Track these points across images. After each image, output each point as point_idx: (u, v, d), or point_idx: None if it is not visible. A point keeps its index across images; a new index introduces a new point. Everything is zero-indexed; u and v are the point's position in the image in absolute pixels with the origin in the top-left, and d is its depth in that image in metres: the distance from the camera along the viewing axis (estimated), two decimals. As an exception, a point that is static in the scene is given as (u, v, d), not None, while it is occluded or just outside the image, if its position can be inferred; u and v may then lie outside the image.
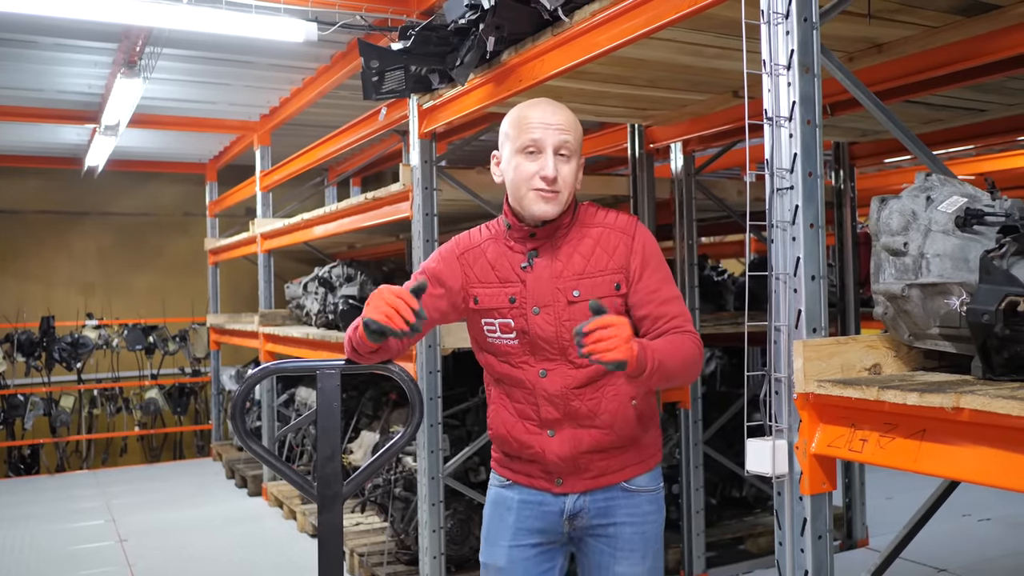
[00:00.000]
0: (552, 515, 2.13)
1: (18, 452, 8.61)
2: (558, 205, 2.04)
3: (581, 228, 2.10)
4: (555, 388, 2.06)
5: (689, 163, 4.55)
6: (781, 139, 1.99)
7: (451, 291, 2.14)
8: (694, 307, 4.50)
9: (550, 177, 2.01)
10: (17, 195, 9.16)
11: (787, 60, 1.98)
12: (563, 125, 2.05)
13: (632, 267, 2.07)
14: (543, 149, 2.03)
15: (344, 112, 6.39)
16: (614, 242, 2.08)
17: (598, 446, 2.08)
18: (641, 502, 2.13)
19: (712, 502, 5.08)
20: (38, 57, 5.48)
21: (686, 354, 1.99)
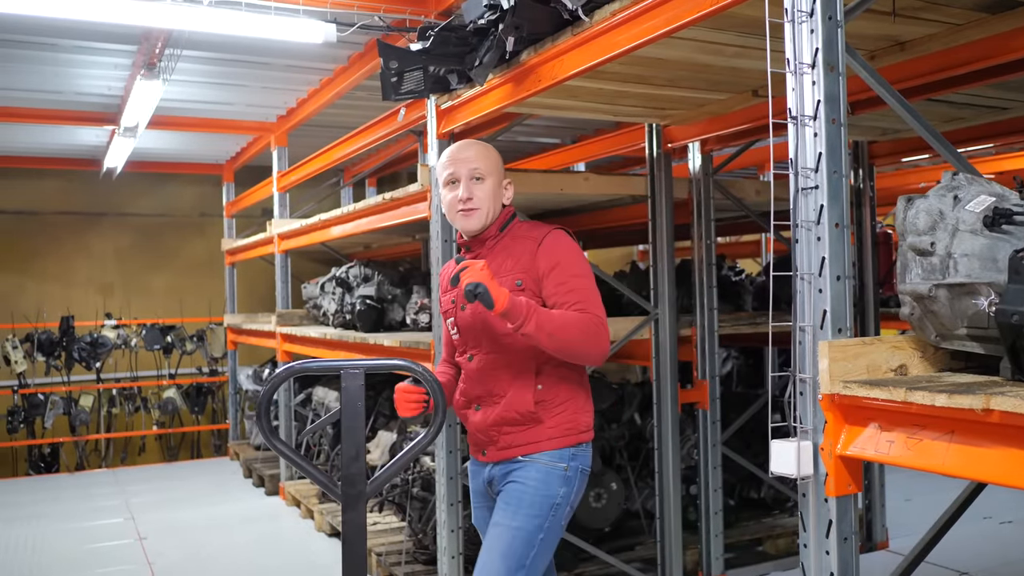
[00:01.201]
0: (481, 482, 2.62)
1: (38, 451, 8.68)
2: (478, 220, 2.53)
3: (508, 239, 2.55)
4: (477, 369, 2.53)
5: (707, 163, 4.53)
6: (806, 138, 1.98)
7: None
8: (712, 307, 4.48)
9: (463, 198, 2.51)
10: (36, 196, 9.22)
11: (812, 59, 1.97)
12: (472, 156, 2.56)
13: (539, 267, 2.46)
14: (459, 179, 2.54)
15: (361, 113, 6.41)
16: (523, 249, 2.50)
17: (502, 420, 2.48)
18: (531, 469, 2.46)
19: (730, 503, 5.06)
20: (58, 59, 5.52)
21: (577, 322, 2.35)
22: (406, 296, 5.34)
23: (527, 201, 4.65)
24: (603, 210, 5.38)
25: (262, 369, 8.20)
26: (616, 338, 4.31)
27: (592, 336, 2.37)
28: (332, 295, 5.70)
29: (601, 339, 2.38)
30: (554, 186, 4.34)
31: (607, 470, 4.74)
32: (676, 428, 4.39)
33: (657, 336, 4.38)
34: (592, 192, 4.47)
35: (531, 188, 4.26)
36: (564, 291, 2.42)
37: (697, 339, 4.47)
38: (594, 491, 4.65)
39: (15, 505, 6.87)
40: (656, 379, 4.39)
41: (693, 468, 4.77)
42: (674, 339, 4.38)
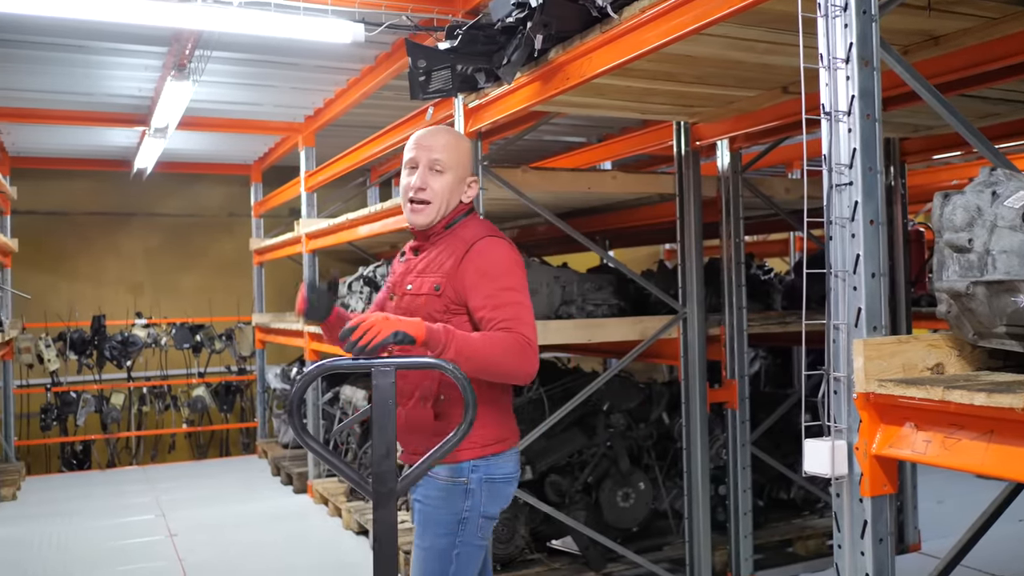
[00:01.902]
0: None
1: (71, 448, 8.80)
2: (426, 216, 2.41)
3: (449, 238, 2.42)
4: None
5: (736, 160, 4.50)
6: (840, 134, 1.96)
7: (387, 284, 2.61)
8: (740, 306, 4.45)
9: (415, 185, 2.39)
10: (68, 197, 9.35)
11: (846, 54, 1.95)
12: (436, 145, 2.42)
13: (463, 276, 2.32)
14: (418, 165, 2.42)
15: (388, 113, 6.42)
16: (453, 250, 2.37)
17: (411, 426, 2.39)
18: (430, 486, 2.37)
19: (759, 504, 5.02)
20: (90, 62, 5.59)
21: (500, 343, 2.20)
22: (433, 295, 5.35)
23: (554, 200, 4.64)
24: (630, 209, 5.36)
25: (290, 368, 8.25)
26: (644, 337, 4.30)
27: (515, 357, 2.20)
28: (360, 294, 5.72)
29: (526, 360, 2.21)
30: (581, 184, 4.33)
31: (635, 470, 4.72)
32: (705, 428, 4.36)
33: (685, 335, 4.36)
34: (620, 190, 4.46)
35: (558, 187, 4.26)
36: (491, 306, 2.26)
37: (726, 338, 4.44)
38: (622, 491, 4.64)
39: (49, 501, 6.96)
40: (684, 378, 4.37)
41: (721, 468, 4.74)
42: (703, 338, 4.36)
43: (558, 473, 4.64)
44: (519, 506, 4.44)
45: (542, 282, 4.33)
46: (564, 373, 5.87)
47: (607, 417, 4.82)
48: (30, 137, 7.82)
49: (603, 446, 4.70)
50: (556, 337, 4.16)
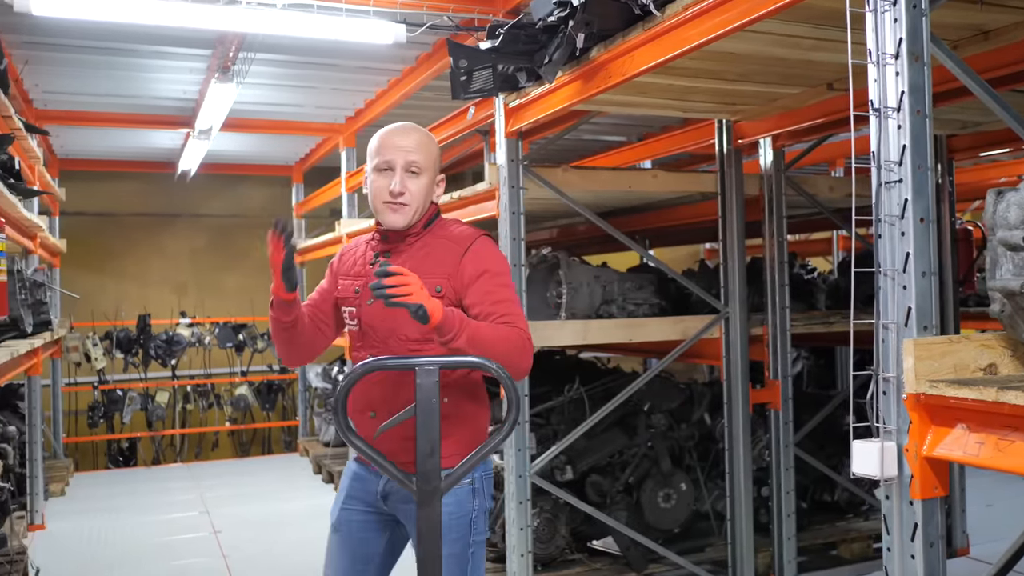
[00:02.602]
0: (371, 491, 2.38)
1: (117, 445, 8.97)
2: (405, 217, 2.32)
3: (430, 238, 2.36)
4: (379, 373, 2.24)
5: (779, 158, 4.45)
6: (889, 131, 1.92)
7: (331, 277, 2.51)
8: (784, 305, 4.40)
9: (396, 191, 2.30)
10: (115, 198, 9.53)
11: (895, 49, 1.91)
12: (412, 147, 2.33)
13: (464, 274, 2.27)
14: (393, 168, 2.31)
15: (428, 113, 6.45)
16: (446, 252, 2.31)
17: (406, 434, 2.19)
18: None
19: (802, 506, 4.96)
20: (137, 65, 5.69)
21: (505, 336, 2.15)
22: (473, 295, 5.36)
23: (594, 199, 4.63)
24: (670, 208, 5.33)
25: (331, 367, 8.32)
26: (685, 337, 4.27)
27: (519, 352, 2.18)
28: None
29: (526, 356, 2.20)
30: (622, 184, 4.31)
31: (676, 470, 4.69)
32: (747, 429, 4.32)
33: (727, 335, 4.32)
34: (661, 189, 4.43)
35: (599, 186, 4.25)
36: (490, 301, 2.24)
37: (769, 338, 4.39)
38: (663, 491, 4.61)
39: (96, 497, 7.10)
40: (727, 379, 4.33)
41: (764, 469, 4.69)
42: (745, 338, 4.32)
43: (599, 473, 4.62)
44: (560, 506, 4.44)
45: (582, 281, 4.32)
46: (604, 373, 5.85)
47: (648, 417, 4.79)
48: (78, 140, 7.98)
49: (644, 446, 4.68)
50: (597, 336, 4.16)
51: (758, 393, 4.39)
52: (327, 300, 2.50)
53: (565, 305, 4.21)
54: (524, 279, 3.90)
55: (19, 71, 5.57)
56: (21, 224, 5.14)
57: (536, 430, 4.53)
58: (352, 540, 2.42)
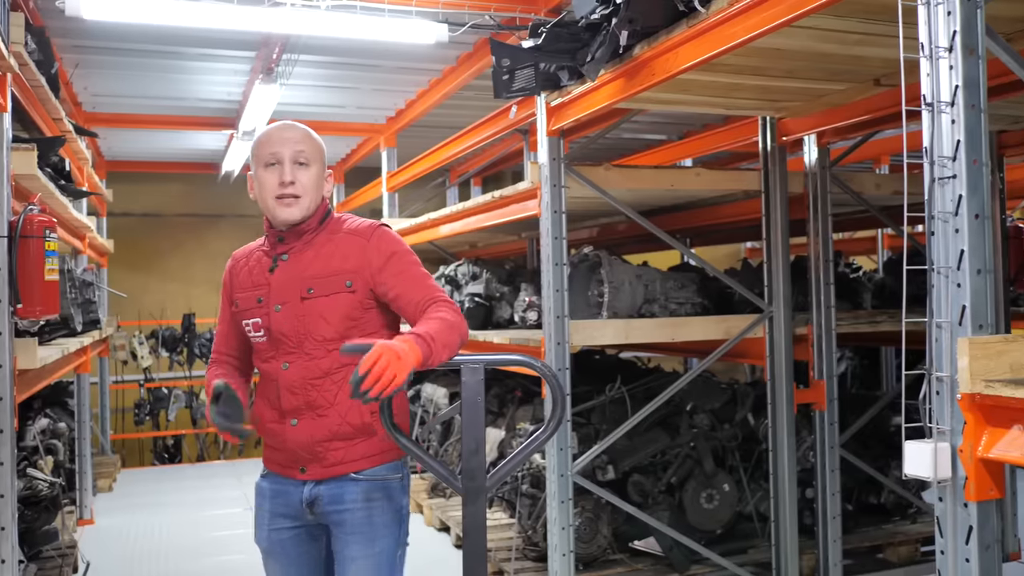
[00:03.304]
0: (294, 502, 2.29)
1: (162, 442, 9.11)
2: (300, 210, 2.26)
3: (328, 234, 2.30)
4: (295, 379, 2.22)
5: (824, 155, 4.39)
6: (942, 126, 1.89)
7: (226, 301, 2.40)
8: (829, 305, 4.34)
9: (286, 181, 2.23)
10: (160, 199, 9.68)
11: (949, 42, 1.88)
12: (297, 138, 2.29)
13: (372, 264, 2.23)
14: (281, 160, 2.25)
15: (468, 113, 6.47)
16: (351, 245, 2.26)
17: (334, 435, 2.22)
18: (369, 489, 2.25)
19: (848, 508, 4.89)
20: (183, 67, 5.78)
21: (451, 322, 2.09)
22: (513, 294, 5.37)
23: (635, 198, 4.61)
24: (711, 206, 5.28)
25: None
26: (728, 336, 4.23)
27: (463, 325, 2.14)
28: (441, 292, 5.77)
29: (466, 325, 2.15)
30: (665, 182, 4.29)
31: (719, 471, 4.65)
32: (792, 429, 4.27)
33: (772, 334, 4.27)
34: (704, 188, 4.39)
35: (641, 184, 4.22)
36: (408, 279, 2.21)
37: (813, 338, 4.34)
38: (706, 492, 4.57)
39: (143, 493, 7.22)
40: (770, 379, 4.29)
41: (808, 471, 4.63)
42: (789, 338, 4.27)
43: (641, 473, 4.60)
44: (601, 505, 4.42)
45: (624, 280, 4.30)
46: (645, 372, 5.82)
47: (691, 417, 4.76)
48: (124, 141, 8.12)
49: (687, 447, 4.65)
50: (639, 336, 4.14)
51: (803, 393, 4.33)
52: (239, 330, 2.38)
53: (607, 304, 4.19)
54: (566, 278, 3.89)
55: (69, 74, 5.69)
56: (71, 225, 5.25)
57: (577, 429, 4.52)
58: (290, 559, 2.33)
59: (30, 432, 4.95)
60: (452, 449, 5.89)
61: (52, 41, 4.31)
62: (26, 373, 3.52)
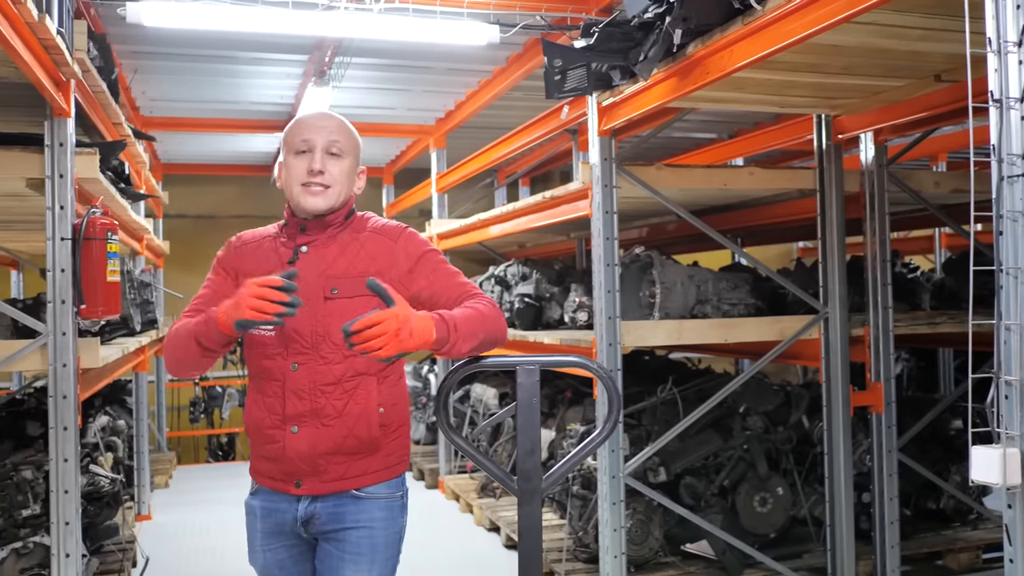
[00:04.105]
0: (287, 520, 2.15)
1: (217, 440, 9.27)
2: (327, 200, 2.12)
3: (353, 232, 2.18)
4: (304, 382, 2.07)
5: (881, 153, 4.31)
6: (1011, 122, 1.84)
7: (228, 280, 2.20)
8: (886, 305, 4.25)
9: (315, 169, 2.10)
10: (215, 201, 9.85)
11: (1018, 36, 1.83)
12: (332, 127, 2.16)
13: (401, 265, 2.13)
14: (313, 148, 2.13)
15: (517, 113, 6.48)
16: (378, 245, 2.15)
17: (338, 448, 2.09)
18: (371, 507, 2.14)
19: (906, 513, 4.79)
20: (237, 71, 5.88)
21: (483, 315, 2.03)
22: (563, 294, 5.36)
23: (687, 197, 4.57)
24: (763, 206, 5.22)
25: (421, 366, 8.43)
26: (782, 337, 4.18)
27: (499, 323, 2.06)
28: (490, 293, 5.79)
29: (503, 322, 2.09)
30: (716, 181, 4.25)
31: (773, 474, 4.59)
32: (848, 432, 4.20)
33: (827, 336, 4.21)
34: (757, 187, 4.34)
35: (693, 184, 4.19)
36: (441, 277, 2.13)
37: (871, 339, 4.26)
38: (759, 495, 4.52)
39: (198, 490, 7.36)
40: (826, 381, 4.22)
41: (865, 475, 4.55)
42: (845, 339, 4.20)
43: (693, 475, 4.56)
44: (653, 508, 4.39)
45: (676, 281, 4.26)
46: (696, 374, 5.77)
47: (744, 419, 4.71)
48: (180, 145, 8.28)
49: (739, 449, 4.59)
50: (691, 337, 4.10)
51: (859, 396, 4.26)
52: None
53: (659, 305, 4.16)
54: (617, 278, 3.87)
55: (128, 80, 5.82)
56: (130, 227, 5.36)
57: (628, 431, 4.50)
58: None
59: (91, 429, 5.07)
60: (501, 449, 5.90)
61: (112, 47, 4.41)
62: (88, 372, 3.60)
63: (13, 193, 3.72)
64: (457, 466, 6.98)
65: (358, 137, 2.24)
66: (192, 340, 2.02)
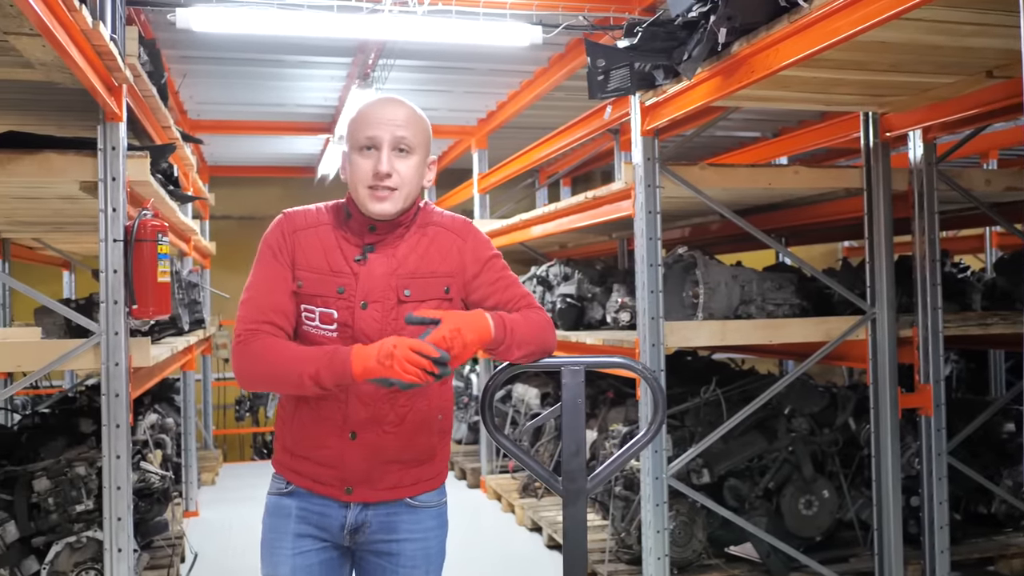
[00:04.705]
0: (332, 526, 2.03)
1: (261, 438, 9.40)
2: (394, 203, 1.96)
3: (420, 227, 2.04)
4: (370, 387, 1.93)
5: (930, 151, 4.24)
6: (1068, 120, 1.80)
7: (285, 266, 2.02)
8: (936, 306, 4.18)
9: (382, 172, 1.93)
10: (259, 202, 9.97)
11: (1076, 32, 1.79)
12: (399, 120, 1.96)
13: (468, 269, 2.03)
14: (379, 145, 1.95)
15: (559, 113, 6.48)
16: (448, 244, 2.04)
17: (398, 456, 2.01)
18: (424, 517, 2.07)
19: (956, 518, 4.70)
20: (283, 75, 5.96)
21: (535, 322, 2.00)
22: (605, 295, 5.35)
23: (730, 197, 4.54)
24: (808, 205, 5.16)
25: (462, 366, 8.47)
26: (828, 338, 4.13)
27: (548, 332, 2.02)
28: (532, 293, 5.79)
29: (553, 332, 2.05)
30: (761, 181, 4.21)
31: (819, 477, 4.54)
32: (896, 435, 4.14)
33: (874, 337, 4.15)
34: (802, 186, 4.30)
35: (737, 183, 4.16)
36: (502, 288, 2.05)
37: (919, 340, 4.19)
38: (805, 498, 4.47)
39: (244, 487, 7.46)
40: (873, 382, 4.16)
41: (913, 478, 4.47)
42: (894, 340, 4.14)
43: (737, 477, 4.52)
44: (696, 509, 4.36)
45: (719, 281, 4.23)
46: (739, 375, 5.72)
47: (789, 421, 4.66)
48: (226, 147, 8.41)
49: (785, 451, 4.55)
50: (735, 338, 4.07)
51: (908, 398, 4.19)
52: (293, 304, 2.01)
53: (702, 305, 4.14)
54: (660, 279, 3.85)
55: (177, 84, 5.93)
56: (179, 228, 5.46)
57: (672, 432, 4.47)
58: None
59: (141, 427, 5.18)
60: (543, 450, 5.91)
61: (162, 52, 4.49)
62: (139, 371, 3.68)
63: (67, 196, 3.82)
64: (499, 466, 7.00)
65: (428, 125, 2.05)
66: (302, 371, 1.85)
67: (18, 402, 6.30)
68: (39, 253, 7.08)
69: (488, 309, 1.99)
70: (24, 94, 3.56)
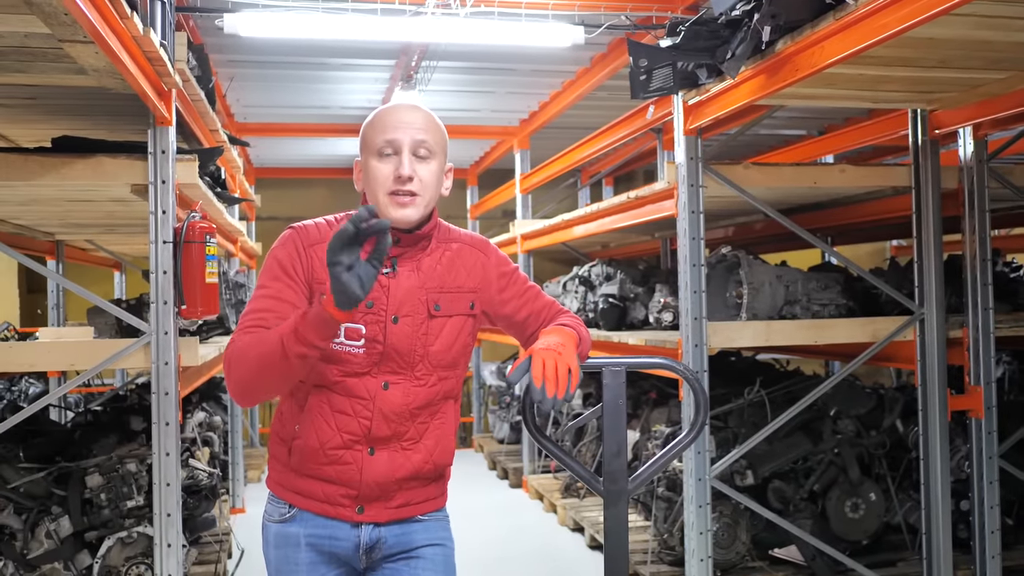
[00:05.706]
0: (345, 548, 1.96)
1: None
2: (417, 209, 1.90)
3: (442, 242, 2.01)
4: (396, 403, 1.90)
5: (981, 148, 4.15)
6: (1124, 116, 1.76)
7: (298, 283, 1.91)
8: (987, 306, 4.10)
9: (404, 175, 1.87)
10: (304, 204, 10.09)
11: None
12: (418, 124, 1.92)
13: (493, 284, 2.02)
14: (399, 150, 1.90)
15: (601, 113, 6.46)
16: (473, 260, 2.01)
17: (417, 473, 1.95)
18: (436, 528, 2.05)
19: (1008, 522, 4.60)
20: (327, 78, 6.03)
21: (580, 333, 2.00)
22: (648, 295, 5.33)
23: (775, 196, 4.49)
24: (855, 204, 5.09)
25: (505, 365, 8.49)
26: (875, 339, 4.07)
27: (588, 336, 2.05)
28: (575, 293, 5.79)
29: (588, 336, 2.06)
30: (806, 179, 4.16)
31: (865, 479, 4.48)
32: (945, 438, 4.06)
33: (923, 337, 4.08)
34: (849, 185, 4.24)
35: (782, 182, 4.12)
36: (531, 300, 2.06)
37: (970, 341, 4.11)
38: (851, 500, 4.41)
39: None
40: (922, 384, 4.09)
41: (963, 482, 4.39)
42: (943, 341, 4.06)
43: (781, 479, 4.48)
44: (740, 511, 4.33)
45: (764, 281, 4.19)
46: (784, 375, 5.67)
47: (835, 423, 4.60)
48: (272, 149, 8.54)
49: (830, 453, 4.49)
50: (780, 338, 4.03)
51: (958, 400, 4.11)
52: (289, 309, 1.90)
53: (746, 306, 4.10)
54: (703, 279, 3.83)
55: (224, 88, 6.03)
56: (226, 230, 5.55)
57: (715, 433, 4.45)
58: None
59: (189, 425, 5.28)
60: (585, 450, 5.90)
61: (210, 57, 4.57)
62: (188, 369, 3.75)
63: (118, 199, 3.90)
64: (541, 466, 7.01)
65: (445, 131, 2.01)
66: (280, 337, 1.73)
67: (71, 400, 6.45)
68: (91, 254, 7.25)
69: (521, 321, 2.05)
70: (77, 100, 3.64)
